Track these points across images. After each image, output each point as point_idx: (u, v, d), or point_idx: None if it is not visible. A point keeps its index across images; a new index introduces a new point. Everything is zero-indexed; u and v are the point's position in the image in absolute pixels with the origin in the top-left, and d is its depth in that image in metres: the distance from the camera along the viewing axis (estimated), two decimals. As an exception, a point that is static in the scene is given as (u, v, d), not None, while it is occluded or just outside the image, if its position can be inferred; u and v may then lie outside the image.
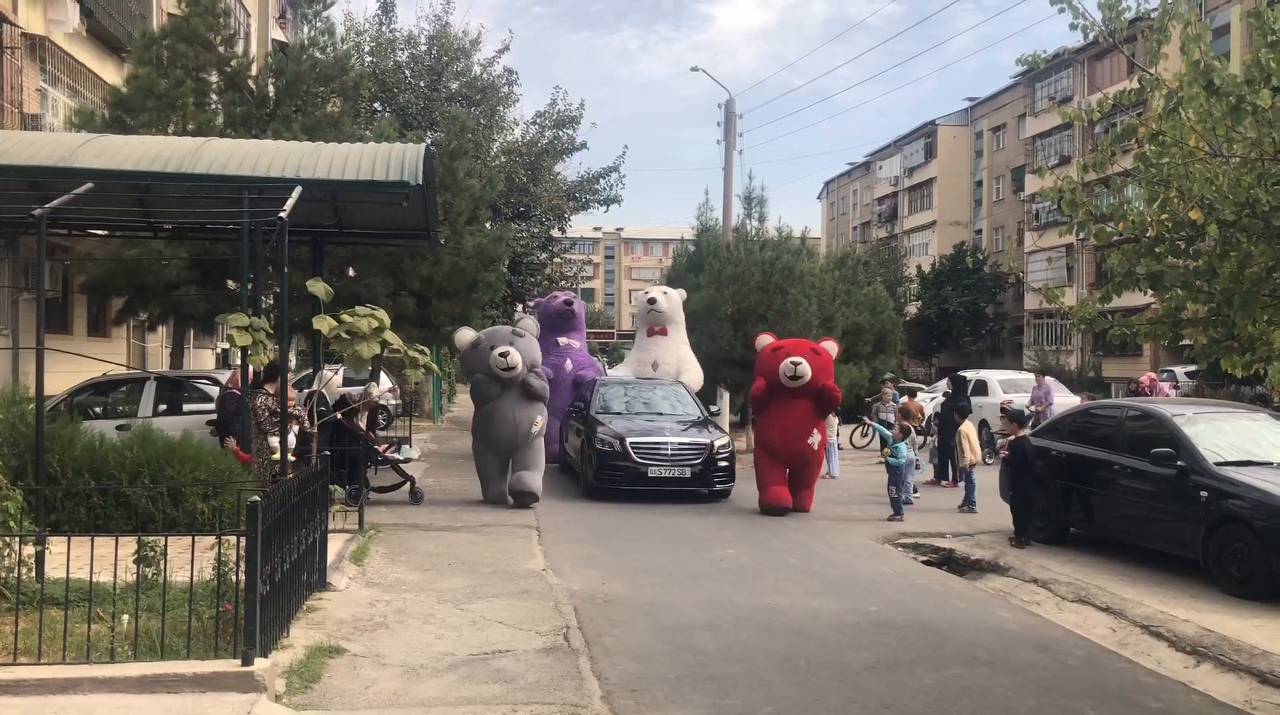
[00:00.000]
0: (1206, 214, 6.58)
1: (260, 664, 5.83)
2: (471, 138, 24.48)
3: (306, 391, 13.39)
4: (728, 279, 21.37)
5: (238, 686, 5.69)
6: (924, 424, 19.26)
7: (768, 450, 14.36)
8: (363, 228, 14.45)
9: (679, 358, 19.18)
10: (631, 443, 15.07)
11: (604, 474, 15.20)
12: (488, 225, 25.33)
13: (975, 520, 13.87)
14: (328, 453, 9.68)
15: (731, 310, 21.15)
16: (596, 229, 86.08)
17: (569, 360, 19.53)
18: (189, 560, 6.41)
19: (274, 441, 9.46)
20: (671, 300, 19.48)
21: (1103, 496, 11.26)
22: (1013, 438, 12.57)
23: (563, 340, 19.76)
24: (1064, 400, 22.08)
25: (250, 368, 10.74)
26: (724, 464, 15.33)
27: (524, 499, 14.05)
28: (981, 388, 24.34)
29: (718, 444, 15.42)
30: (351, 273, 19.68)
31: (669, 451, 15.08)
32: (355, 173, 10.94)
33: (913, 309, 55.64)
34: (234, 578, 6.42)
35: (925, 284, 57.08)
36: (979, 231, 63.78)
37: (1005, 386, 24.70)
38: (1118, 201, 7.58)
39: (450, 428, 28.27)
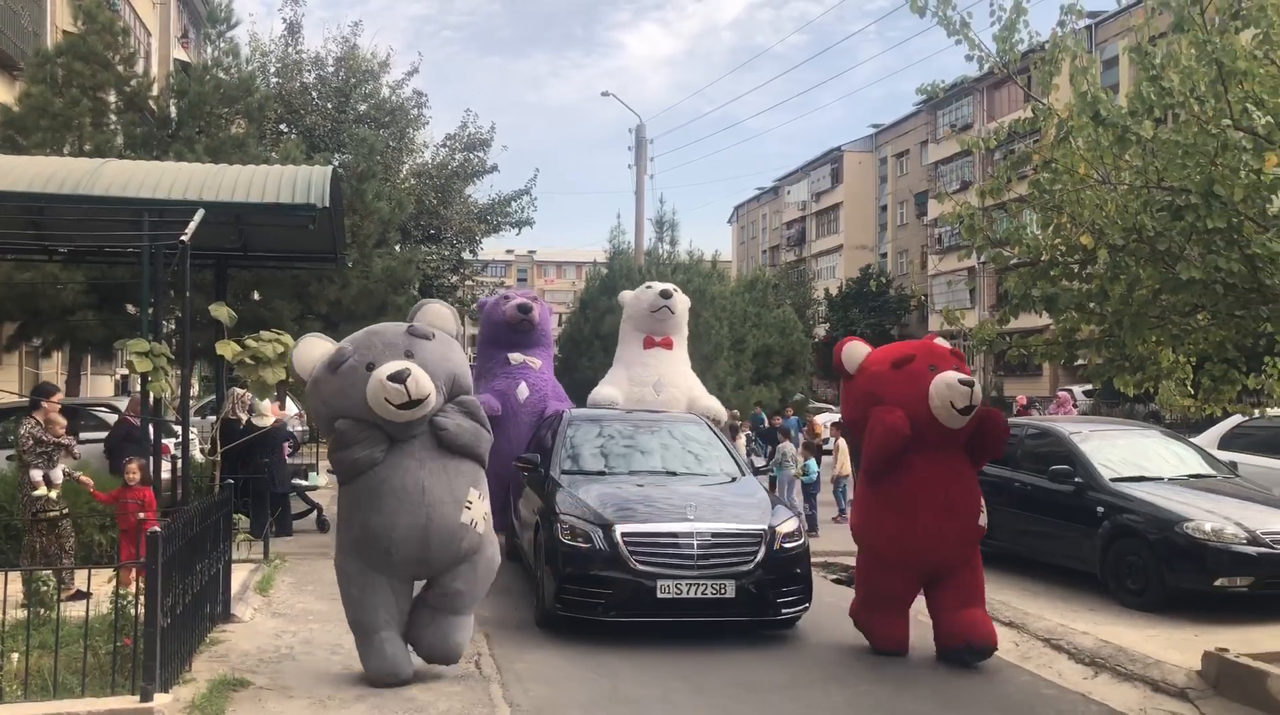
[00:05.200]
0: (1097, 239, 6.85)
1: (160, 700, 5.67)
2: (380, 160, 24.27)
3: (213, 418, 13.09)
4: (639, 302, 21.49)
5: (136, 724, 5.52)
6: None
7: (897, 549, 7.90)
8: (268, 251, 14.21)
9: (688, 381, 13.17)
10: (625, 534, 8.24)
11: (574, 591, 8.30)
12: (397, 248, 25.14)
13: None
14: (231, 481, 9.44)
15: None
16: (509, 252, 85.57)
17: (523, 384, 12.53)
18: (85, 594, 6.20)
19: (35, 475, 8.85)
20: (684, 303, 13.49)
21: (1005, 513, 11.53)
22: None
23: (515, 357, 12.74)
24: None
25: (151, 395, 10.48)
26: (797, 569, 8.62)
27: (448, 662, 7.29)
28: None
29: (782, 530, 8.59)
30: (256, 297, 19.35)
31: (695, 549, 8.22)
32: (260, 195, 10.77)
33: (821, 331, 56.55)
34: (133, 611, 6.24)
35: (833, 306, 58.11)
36: (884, 255, 65.19)
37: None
38: (1014, 226, 7.85)
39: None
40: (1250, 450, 12.28)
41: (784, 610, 8.53)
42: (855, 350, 8.21)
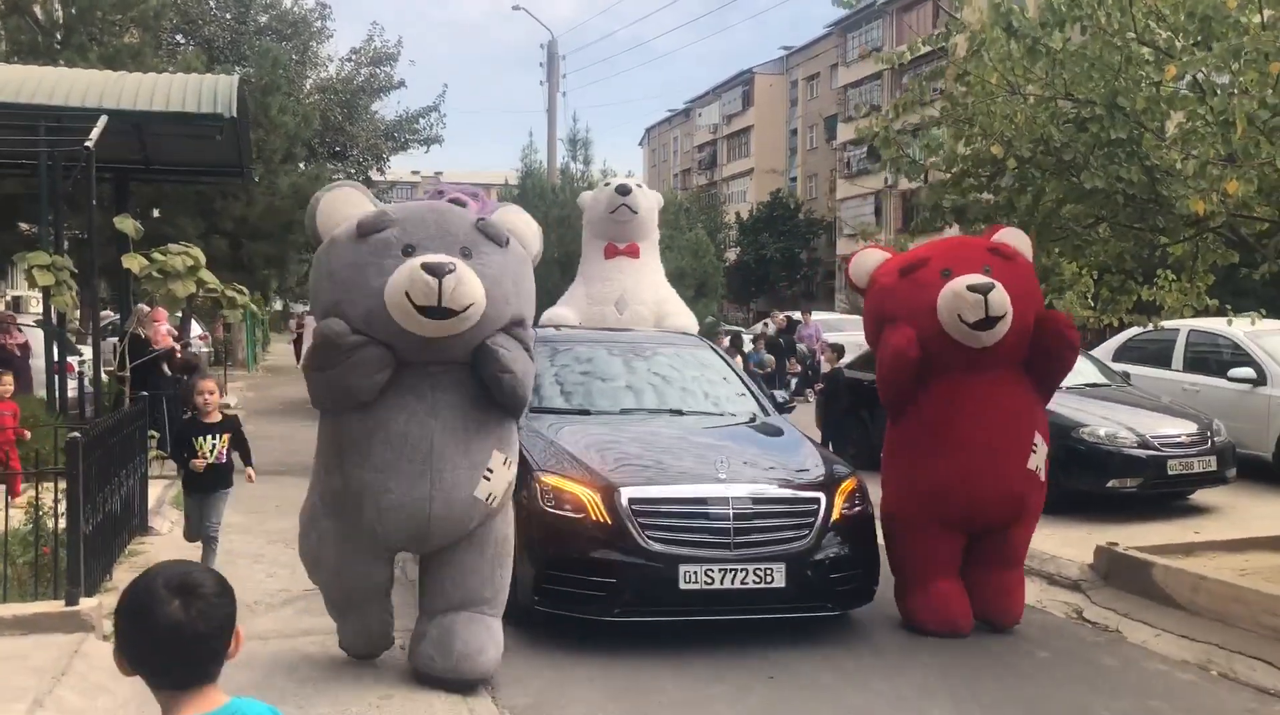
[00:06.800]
0: (1006, 149, 7.07)
1: (86, 603, 5.65)
2: (284, 74, 23.56)
3: (116, 338, 12.71)
4: (554, 222, 21.39)
5: (62, 627, 5.49)
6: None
7: (930, 498, 6.40)
8: (172, 164, 13.81)
9: (658, 296, 10.76)
10: (634, 501, 6.05)
11: (562, 580, 6.10)
12: (302, 165, 24.56)
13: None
14: (145, 393, 9.29)
15: (559, 253, 21.20)
16: (415, 173, 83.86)
17: None
18: (-1, 506, 6.12)
19: None
20: (649, 199, 10.80)
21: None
22: (829, 370, 13.20)
23: None
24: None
25: (55, 309, 10.22)
26: (861, 543, 6.45)
27: (459, 684, 5.30)
28: (793, 327, 25.58)
29: (842, 490, 6.48)
30: (156, 214, 18.81)
31: (731, 520, 6.05)
32: (165, 104, 10.46)
33: (732, 255, 56.95)
34: (51, 523, 6.18)
35: (744, 230, 58.45)
36: (794, 179, 65.61)
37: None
38: (927, 139, 8.05)
39: (266, 377, 27.41)
40: (1141, 362, 12.85)
41: (845, 600, 6.41)
42: (865, 260, 6.67)
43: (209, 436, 6.95)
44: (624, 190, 10.36)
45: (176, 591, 1.91)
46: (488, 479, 5.16)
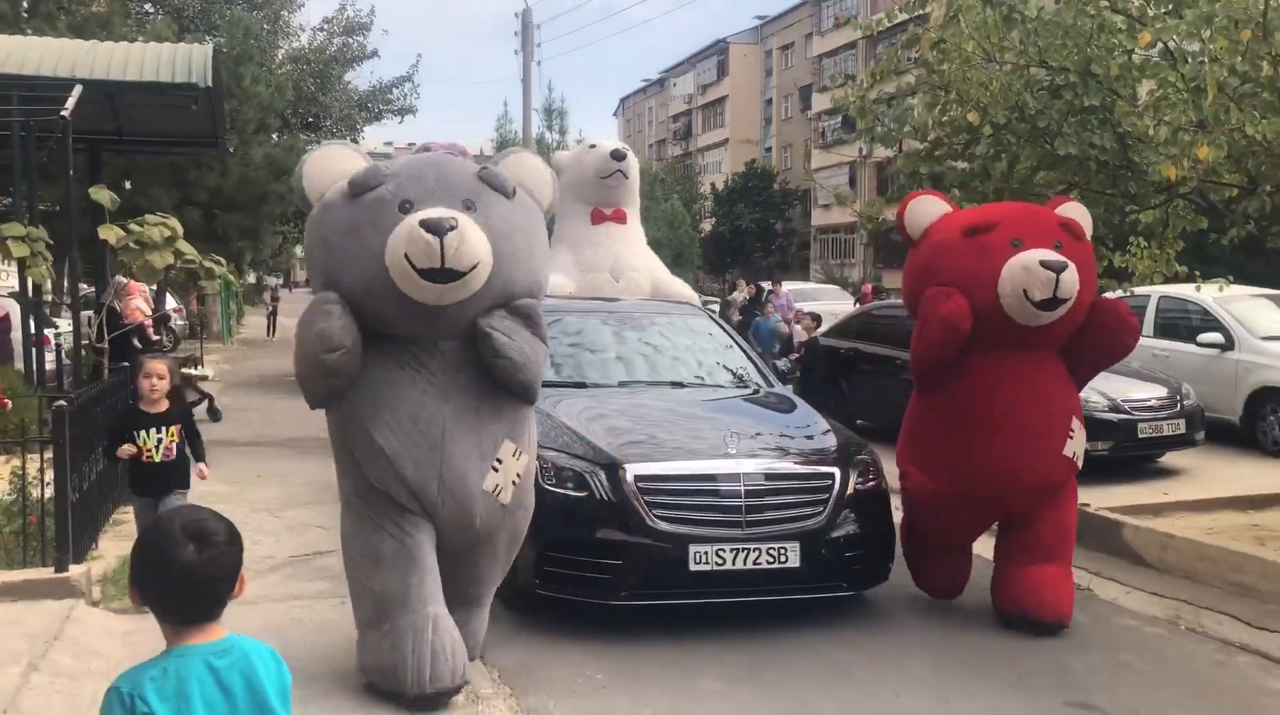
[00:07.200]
0: (982, 117, 7.16)
1: (75, 570, 5.70)
2: (255, 43, 23.35)
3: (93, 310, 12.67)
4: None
5: (52, 593, 5.54)
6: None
7: (962, 477, 5.91)
8: (146, 134, 13.72)
9: (649, 263, 10.35)
10: (640, 478, 5.73)
11: (564, 562, 5.77)
12: (275, 136, 24.40)
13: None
14: (126, 364, 9.27)
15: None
16: (388, 144, 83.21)
17: None
18: (-16, 474, 6.14)
19: None
20: (637, 164, 10.50)
21: (885, 389, 12.06)
22: (806, 339, 13.34)
23: None
24: (845, 307, 23.69)
25: (30, 281, 10.17)
26: (877, 519, 6.14)
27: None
28: (762, 296, 25.77)
29: (856, 464, 6.20)
30: (128, 186, 18.66)
31: (743, 497, 5.75)
32: (139, 73, 10.40)
33: (707, 226, 56.95)
34: (36, 493, 6.21)
35: (719, 201, 58.43)
36: (769, 149, 65.57)
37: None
38: (903, 108, 8.14)
39: (241, 349, 27.31)
40: (1113, 328, 13.04)
41: (860, 580, 6.08)
42: (924, 207, 6.01)
43: (154, 430, 5.86)
44: (619, 155, 9.82)
45: (192, 537, 2.04)
46: (496, 470, 4.71)
